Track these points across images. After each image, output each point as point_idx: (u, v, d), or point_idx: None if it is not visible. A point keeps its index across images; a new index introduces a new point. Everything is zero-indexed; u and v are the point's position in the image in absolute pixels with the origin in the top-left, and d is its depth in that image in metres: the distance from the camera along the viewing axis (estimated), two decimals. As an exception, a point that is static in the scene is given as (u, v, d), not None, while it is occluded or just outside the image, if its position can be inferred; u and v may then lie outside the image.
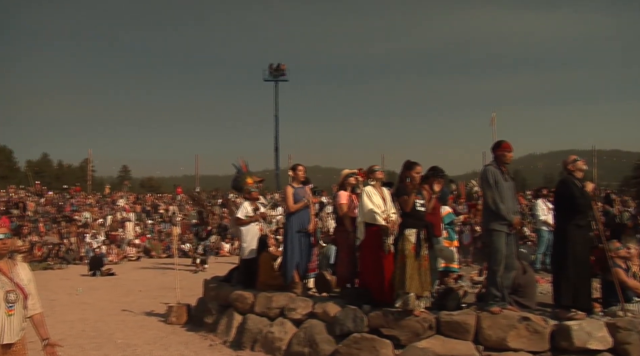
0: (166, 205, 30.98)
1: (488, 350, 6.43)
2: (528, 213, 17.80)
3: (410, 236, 6.75)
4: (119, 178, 71.70)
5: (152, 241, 24.34)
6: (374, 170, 7.66)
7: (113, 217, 25.42)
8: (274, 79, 53.60)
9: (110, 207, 29.23)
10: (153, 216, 28.75)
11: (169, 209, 29.45)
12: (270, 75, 53.53)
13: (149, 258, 22.56)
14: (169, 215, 28.35)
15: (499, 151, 6.93)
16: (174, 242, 13.88)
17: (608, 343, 6.16)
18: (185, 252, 21.73)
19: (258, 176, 9.99)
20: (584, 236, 6.83)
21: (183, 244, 22.47)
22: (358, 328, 7.01)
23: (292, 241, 8.28)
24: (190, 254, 19.67)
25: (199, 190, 32.63)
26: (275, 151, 53.43)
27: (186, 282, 13.27)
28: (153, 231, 26.18)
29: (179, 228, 22.98)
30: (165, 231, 25.55)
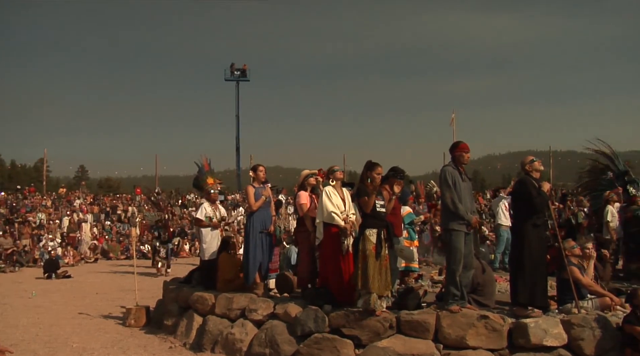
0: (125, 206, 30.46)
1: (447, 348, 6.50)
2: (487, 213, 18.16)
3: (370, 236, 6.77)
4: (75, 178, 70.18)
5: (110, 242, 23.89)
6: (334, 170, 7.66)
7: (69, 218, 24.87)
8: (235, 79, 53.33)
9: (67, 208, 28.58)
10: (111, 217, 28.23)
11: (128, 210, 28.97)
12: (232, 75, 53.25)
13: (107, 260, 22.14)
14: (127, 216, 27.88)
15: (457, 152, 7.02)
16: (132, 243, 13.63)
17: (563, 340, 6.30)
18: (145, 254, 21.40)
19: (217, 178, 9.87)
20: (540, 235, 6.98)
21: (142, 246, 22.13)
22: (319, 328, 7.01)
23: (253, 242, 8.23)
24: (150, 256, 19.36)
25: (159, 190, 32.13)
26: (237, 151, 53.16)
27: (145, 284, 13.08)
28: (111, 232, 25.70)
29: (138, 229, 22.62)
30: (124, 233, 25.12)
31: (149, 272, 16.76)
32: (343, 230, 7.21)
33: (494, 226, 13.29)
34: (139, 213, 28.01)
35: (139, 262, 16.13)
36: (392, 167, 8.06)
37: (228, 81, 53.87)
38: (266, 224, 8.37)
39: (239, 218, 14.63)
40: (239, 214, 15.84)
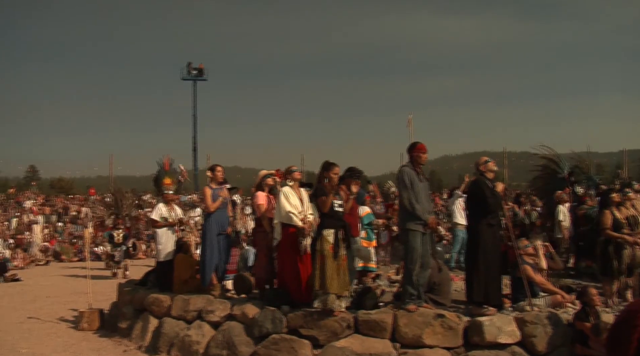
0: (78, 207, 29.75)
1: (404, 347, 6.55)
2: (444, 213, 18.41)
3: (328, 237, 6.78)
4: (25, 178, 67.96)
5: (62, 244, 23.27)
6: (292, 170, 7.65)
7: (19, 219, 24.14)
8: (192, 78, 52.72)
9: (16, 209, 27.75)
10: (63, 218, 27.53)
11: (81, 211, 28.30)
12: (189, 74, 52.63)
13: (59, 262, 21.55)
14: (81, 217, 27.23)
15: (414, 152, 7.10)
16: (86, 245, 13.30)
17: (517, 337, 6.43)
18: (99, 255, 20.91)
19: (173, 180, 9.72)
20: (495, 234, 7.12)
21: (96, 247, 21.62)
22: (277, 329, 6.98)
23: (210, 243, 8.14)
24: (104, 258, 18.91)
25: (120, 189, 31.45)
26: (194, 151, 52.64)
27: (99, 287, 12.76)
28: (63, 234, 25.05)
29: (92, 230, 22.10)
30: (77, 234, 24.51)
31: (104, 275, 16.38)
32: (301, 230, 7.20)
33: (450, 226, 13.49)
34: (93, 214, 27.39)
35: (93, 264, 15.74)
36: (349, 167, 8.10)
37: (185, 80, 53.24)
38: (224, 226, 8.30)
39: (196, 219, 14.45)
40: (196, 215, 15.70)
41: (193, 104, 53.15)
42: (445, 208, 18.25)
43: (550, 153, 13.22)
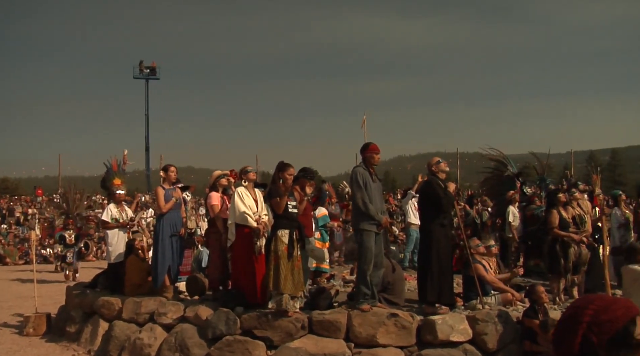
0: (24, 208, 28.81)
1: (358, 346, 6.59)
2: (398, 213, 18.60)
3: (282, 237, 6.75)
4: (-33, 179, 65.52)
5: (6, 247, 22.47)
6: (247, 171, 7.60)
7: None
8: (144, 76, 51.67)
9: (-42, 210, 26.70)
10: (8, 220, 26.61)
11: (28, 212, 27.41)
12: (141, 73, 51.56)
13: (4, 265, 20.81)
14: (27, 218, 26.37)
15: (367, 153, 7.14)
16: (32, 247, 12.88)
17: (468, 335, 6.54)
18: (46, 258, 20.28)
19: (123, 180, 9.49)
20: (447, 234, 7.23)
21: (44, 250, 20.97)
22: (231, 330, 6.91)
23: (162, 244, 8.00)
24: (54, 260, 18.34)
25: (71, 189, 30.56)
26: (146, 151, 51.57)
27: (47, 290, 12.40)
28: (7, 236, 24.20)
29: (39, 232, 21.42)
30: (23, 236, 23.71)
31: (52, 278, 15.89)
32: (255, 231, 7.17)
33: (404, 226, 13.63)
34: (40, 215, 26.56)
35: (40, 267, 15.29)
36: (303, 168, 8.10)
37: (137, 79, 52.20)
38: (177, 227, 8.17)
39: (148, 220, 14.17)
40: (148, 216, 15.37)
41: (145, 103, 52.16)
42: (399, 207, 18.44)
43: (499, 155, 13.55)
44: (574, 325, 1.51)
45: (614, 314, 1.49)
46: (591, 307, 1.52)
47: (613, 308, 1.51)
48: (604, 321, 1.48)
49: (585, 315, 1.51)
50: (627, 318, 1.49)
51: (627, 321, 1.49)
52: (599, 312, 1.50)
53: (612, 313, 1.50)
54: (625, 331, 1.48)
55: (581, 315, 1.52)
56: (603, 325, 1.48)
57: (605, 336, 1.47)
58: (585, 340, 1.48)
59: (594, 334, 1.48)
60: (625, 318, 1.49)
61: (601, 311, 1.50)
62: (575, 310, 1.56)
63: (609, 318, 1.49)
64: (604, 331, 1.47)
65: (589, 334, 1.48)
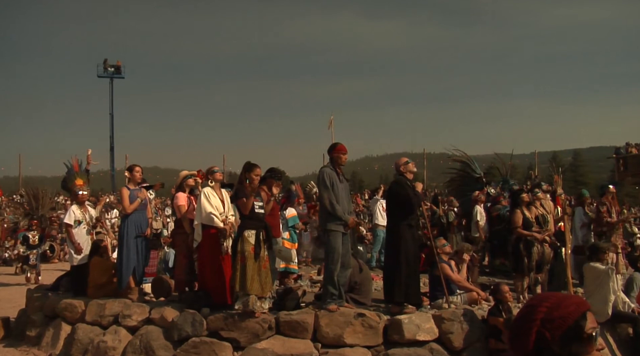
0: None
1: (326, 347, 6.59)
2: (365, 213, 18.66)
3: (249, 238, 6.72)
4: None
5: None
6: (214, 171, 7.55)
7: None
8: (108, 75, 50.77)
9: None
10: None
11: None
12: (105, 71, 50.65)
13: (-41, 268, 20.20)
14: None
15: (335, 153, 7.16)
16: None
17: (434, 334, 6.60)
18: (6, 260, 19.77)
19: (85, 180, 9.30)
20: (414, 235, 7.28)
21: (4, 252, 20.43)
22: (197, 331, 6.85)
23: (127, 245, 7.88)
24: (15, 262, 17.87)
25: (37, 188, 29.85)
26: (111, 150, 50.65)
27: (5, 293, 12.08)
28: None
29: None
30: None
31: (12, 281, 15.49)
32: (222, 231, 7.13)
33: (371, 226, 13.69)
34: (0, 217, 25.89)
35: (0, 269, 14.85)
36: (270, 168, 8.09)
37: (101, 78, 51.31)
38: (142, 228, 8.06)
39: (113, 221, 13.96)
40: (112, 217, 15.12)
41: (110, 102, 51.29)
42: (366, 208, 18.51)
43: (464, 156, 13.73)
44: (529, 322, 1.55)
45: (566, 310, 1.54)
46: (544, 305, 1.56)
47: (565, 305, 1.56)
48: (556, 317, 1.53)
49: (538, 313, 1.55)
50: (578, 313, 1.54)
51: (578, 316, 1.54)
52: (551, 309, 1.54)
53: (564, 309, 1.54)
54: (577, 326, 1.53)
55: (535, 313, 1.56)
56: (556, 321, 1.52)
57: (558, 331, 1.51)
58: (540, 336, 1.52)
59: (547, 330, 1.52)
60: (577, 314, 1.54)
61: (554, 308, 1.54)
62: (529, 308, 1.60)
63: (561, 314, 1.53)
64: (557, 327, 1.51)
65: (543, 330, 1.52)
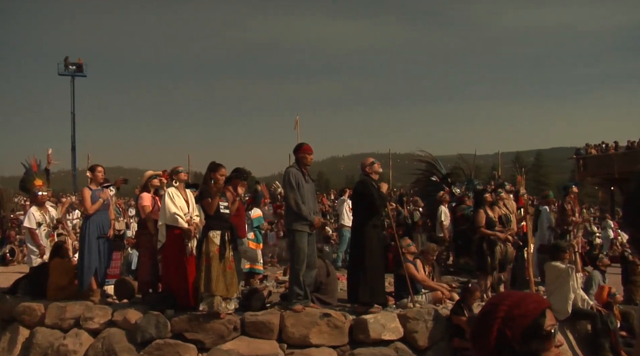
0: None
1: (291, 347, 6.59)
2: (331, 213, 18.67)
3: (214, 238, 6.67)
4: None
5: None
6: (178, 171, 7.47)
7: None
8: (70, 73, 49.74)
9: None
10: None
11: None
12: (66, 69, 49.59)
13: None
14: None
15: (300, 154, 7.15)
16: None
17: (400, 333, 6.66)
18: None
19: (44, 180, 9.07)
20: (379, 235, 7.31)
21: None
22: (161, 334, 6.78)
23: (89, 246, 7.72)
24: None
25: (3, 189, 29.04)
26: (72, 150, 49.71)
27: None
28: None
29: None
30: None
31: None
32: (186, 232, 7.06)
33: (337, 226, 13.71)
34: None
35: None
36: (236, 168, 8.04)
37: (62, 76, 50.25)
38: (104, 229, 7.90)
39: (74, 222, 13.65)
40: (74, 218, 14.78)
41: (71, 101, 50.27)
42: (333, 208, 18.53)
43: (429, 157, 13.87)
44: (490, 320, 1.57)
45: (526, 308, 1.57)
46: (505, 303, 1.59)
47: (525, 303, 1.58)
48: (517, 315, 1.55)
49: (500, 311, 1.57)
50: (538, 311, 1.57)
51: (538, 314, 1.57)
52: (512, 307, 1.57)
53: (525, 307, 1.57)
54: (537, 324, 1.56)
55: (496, 311, 1.58)
56: (516, 319, 1.55)
57: (518, 329, 1.54)
58: (501, 334, 1.54)
59: (508, 328, 1.54)
60: (536, 312, 1.57)
61: (514, 306, 1.57)
62: (490, 306, 1.62)
63: (522, 312, 1.56)
64: (518, 324, 1.54)
65: (504, 328, 1.54)
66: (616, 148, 29.59)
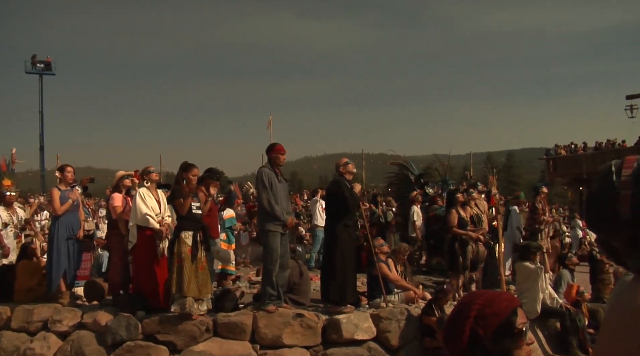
0: None
1: (264, 348, 6.57)
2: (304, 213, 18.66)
3: (186, 239, 6.61)
4: None
5: None
6: (150, 171, 7.39)
7: None
8: (38, 71, 48.77)
9: None
10: None
11: None
12: (34, 67, 48.61)
13: None
14: None
15: (273, 154, 7.14)
16: None
17: (372, 333, 6.68)
18: None
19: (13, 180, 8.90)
20: (351, 235, 7.32)
21: None
22: (132, 335, 6.70)
23: (57, 247, 7.58)
24: None
25: None
26: (41, 150, 48.78)
27: None
28: None
29: None
30: None
31: None
32: (158, 233, 6.98)
33: (310, 227, 13.71)
34: None
35: None
36: (209, 168, 7.98)
37: (30, 74, 49.26)
38: (74, 229, 7.77)
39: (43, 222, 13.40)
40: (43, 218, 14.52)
41: (39, 100, 49.30)
42: (306, 208, 18.53)
43: (401, 159, 13.97)
44: (462, 320, 1.58)
45: (498, 307, 1.58)
46: (477, 302, 1.60)
47: (497, 302, 1.60)
48: (488, 314, 1.56)
49: (471, 310, 1.58)
50: (509, 310, 1.59)
51: (509, 312, 1.58)
52: (484, 306, 1.58)
53: (496, 306, 1.58)
54: (508, 322, 1.57)
55: (468, 310, 1.59)
56: (488, 318, 1.56)
57: (490, 328, 1.55)
58: (473, 333, 1.55)
59: (480, 327, 1.55)
60: (508, 310, 1.58)
61: (486, 305, 1.58)
62: (462, 306, 1.63)
63: (493, 311, 1.57)
64: (489, 323, 1.55)
65: (476, 327, 1.55)
66: (584, 149, 30.19)
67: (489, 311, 1.56)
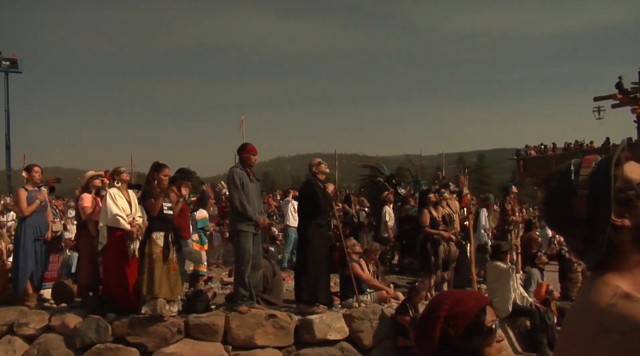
0: None
1: (236, 349, 6.54)
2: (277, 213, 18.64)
3: (157, 240, 6.53)
4: None
5: None
6: (120, 171, 7.29)
7: None
8: (3, 69, 47.72)
9: None
10: None
11: None
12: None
13: None
14: None
15: (244, 154, 7.11)
16: None
17: (345, 333, 6.68)
18: None
19: None
20: (323, 235, 7.33)
21: None
22: (102, 338, 6.61)
23: (24, 249, 7.43)
24: None
25: None
26: (7, 149, 47.82)
27: None
28: None
29: None
30: None
31: None
32: (129, 234, 6.89)
33: (283, 227, 13.69)
34: None
35: None
36: (180, 168, 7.93)
37: (-5, 71, 48.17)
38: (42, 231, 7.61)
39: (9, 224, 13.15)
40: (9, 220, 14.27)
41: (5, 98, 48.24)
42: (278, 208, 18.50)
43: (371, 160, 14.05)
44: (432, 320, 1.59)
45: (467, 306, 1.59)
46: (446, 302, 1.61)
47: (466, 301, 1.61)
48: (458, 313, 1.57)
49: (441, 310, 1.59)
50: (478, 308, 1.60)
51: (478, 311, 1.59)
52: (453, 306, 1.59)
53: (465, 305, 1.59)
54: (478, 321, 1.58)
55: (438, 310, 1.60)
56: (458, 317, 1.57)
57: (460, 327, 1.56)
58: (444, 333, 1.56)
59: (450, 327, 1.56)
60: (477, 309, 1.59)
61: (455, 305, 1.59)
62: (432, 306, 1.65)
63: (463, 310, 1.58)
64: (459, 323, 1.56)
65: (446, 327, 1.56)
66: (554, 149, 30.75)
67: (459, 310, 1.57)
